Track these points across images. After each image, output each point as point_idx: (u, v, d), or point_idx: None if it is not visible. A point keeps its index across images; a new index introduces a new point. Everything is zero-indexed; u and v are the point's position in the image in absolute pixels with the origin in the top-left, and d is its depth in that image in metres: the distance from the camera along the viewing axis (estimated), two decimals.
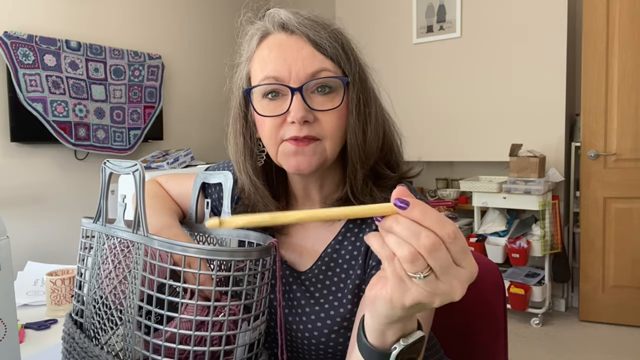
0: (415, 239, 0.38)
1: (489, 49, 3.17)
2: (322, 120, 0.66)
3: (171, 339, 0.56)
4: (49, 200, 2.70)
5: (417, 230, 0.38)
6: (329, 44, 0.66)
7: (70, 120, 2.66)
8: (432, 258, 0.38)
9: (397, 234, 0.39)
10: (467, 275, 0.40)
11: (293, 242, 0.78)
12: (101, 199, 0.66)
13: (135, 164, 0.60)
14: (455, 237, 0.38)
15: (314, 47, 0.65)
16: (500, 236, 2.97)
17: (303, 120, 0.64)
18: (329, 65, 0.66)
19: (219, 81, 3.60)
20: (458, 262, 0.39)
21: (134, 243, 0.60)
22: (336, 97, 0.66)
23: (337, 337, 0.69)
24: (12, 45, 2.43)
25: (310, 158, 0.66)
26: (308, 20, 0.67)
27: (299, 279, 0.75)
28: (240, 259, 0.56)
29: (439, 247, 0.38)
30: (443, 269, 0.39)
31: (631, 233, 2.77)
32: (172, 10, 3.33)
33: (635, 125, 2.74)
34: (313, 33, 0.66)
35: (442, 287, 0.39)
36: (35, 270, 1.37)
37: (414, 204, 0.39)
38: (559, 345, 2.59)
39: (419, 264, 0.38)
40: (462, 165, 3.48)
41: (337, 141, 0.68)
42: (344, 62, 0.67)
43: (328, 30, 0.67)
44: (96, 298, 0.63)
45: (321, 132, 0.66)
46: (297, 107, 0.64)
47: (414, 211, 0.39)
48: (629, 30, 2.71)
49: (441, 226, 0.38)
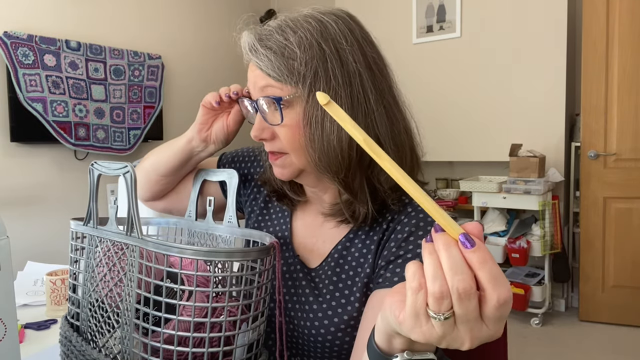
0: (453, 275, 0.36)
1: (489, 49, 3.17)
2: (281, 135, 0.68)
3: (169, 341, 0.55)
4: (49, 200, 2.70)
5: (460, 268, 0.36)
6: (272, 65, 0.64)
7: (70, 120, 2.66)
8: (459, 304, 0.36)
9: (440, 258, 0.37)
10: (486, 335, 0.37)
11: (306, 238, 0.78)
12: (91, 201, 0.65)
13: (126, 165, 0.58)
14: (504, 304, 0.35)
15: (260, 69, 0.66)
16: (500, 236, 2.97)
17: (258, 138, 0.69)
18: (273, 86, 0.65)
19: (219, 81, 3.60)
20: (488, 322, 0.37)
21: (128, 245, 0.59)
22: (290, 113, 0.66)
23: (343, 336, 0.69)
24: (12, 45, 2.43)
25: (282, 170, 0.71)
26: (263, 37, 0.66)
27: (309, 275, 0.75)
28: (238, 259, 0.55)
29: (472, 298, 0.35)
30: (466, 319, 0.36)
31: (631, 233, 2.77)
32: (172, 10, 3.33)
33: (635, 125, 2.74)
34: (261, 55, 0.65)
35: (455, 335, 0.37)
36: (35, 270, 1.37)
37: (480, 248, 0.36)
38: (559, 345, 2.59)
39: (444, 305, 0.36)
40: (462, 165, 3.48)
41: (302, 153, 0.67)
42: (291, 79, 0.64)
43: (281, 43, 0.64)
44: (92, 301, 0.63)
45: (282, 146, 0.68)
46: (254, 125, 0.70)
47: (476, 254, 0.36)
48: (629, 30, 2.71)
49: (495, 285, 0.35)
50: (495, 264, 0.36)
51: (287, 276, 0.77)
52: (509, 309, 0.36)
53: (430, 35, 3.38)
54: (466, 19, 3.25)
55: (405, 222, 0.70)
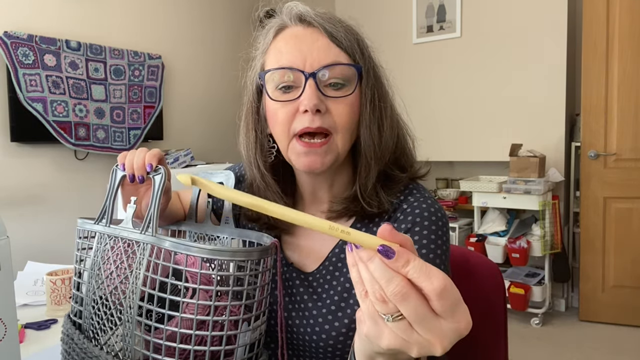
0: (385, 283, 0.36)
1: (489, 49, 3.17)
2: (334, 111, 0.65)
3: (171, 338, 0.56)
4: (49, 200, 2.70)
5: (388, 276, 0.36)
6: (345, 37, 0.66)
7: (70, 120, 2.65)
8: (401, 306, 0.36)
9: (371, 272, 0.37)
10: (450, 331, 0.37)
11: (299, 243, 0.77)
12: (108, 199, 0.65)
13: (160, 167, 0.62)
14: (442, 291, 0.36)
15: (329, 39, 0.66)
16: (500, 236, 2.97)
17: (315, 108, 0.63)
18: (343, 58, 0.66)
19: (219, 81, 3.60)
20: (443, 315, 0.37)
21: (139, 243, 0.59)
22: (349, 90, 0.67)
23: (345, 340, 0.68)
24: (12, 45, 2.43)
25: (322, 158, 0.66)
26: (325, 14, 0.68)
27: (306, 280, 0.74)
28: (242, 259, 0.56)
29: (408, 297, 0.36)
30: (418, 319, 0.36)
31: (631, 233, 2.77)
32: (172, 10, 3.33)
33: (635, 125, 2.74)
34: (329, 25, 0.66)
35: (416, 338, 0.37)
36: (35, 270, 1.37)
37: (400, 255, 0.36)
38: (559, 345, 2.59)
39: (389, 306, 0.37)
40: (462, 165, 3.48)
41: (348, 135, 0.67)
42: (359, 56, 0.67)
43: (344, 24, 0.68)
44: (95, 299, 0.63)
45: (333, 124, 0.65)
46: (309, 94, 0.63)
47: (398, 262, 0.36)
48: (629, 31, 2.71)
49: (426, 278, 0.36)
50: (418, 260, 0.36)
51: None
52: (453, 294, 0.36)
53: (430, 35, 3.38)
54: (466, 19, 3.25)
55: (408, 212, 0.70)
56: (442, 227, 0.69)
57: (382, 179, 0.72)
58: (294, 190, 0.79)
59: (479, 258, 0.98)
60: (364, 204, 0.70)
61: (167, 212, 0.76)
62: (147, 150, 0.66)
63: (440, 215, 0.70)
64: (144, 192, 0.72)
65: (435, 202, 0.72)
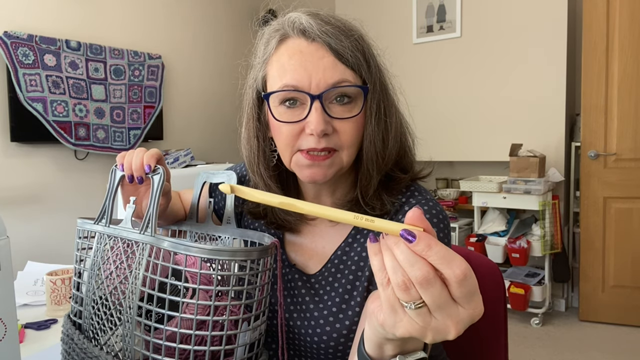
0: (410, 268, 0.37)
1: (489, 49, 3.17)
2: (341, 130, 0.64)
3: (171, 339, 0.56)
4: (49, 200, 2.70)
5: (413, 260, 0.37)
6: (351, 53, 0.64)
7: (70, 120, 2.65)
8: (424, 292, 0.37)
9: (396, 257, 0.38)
10: (466, 317, 0.38)
11: (302, 245, 0.77)
12: (107, 199, 0.65)
13: (158, 168, 0.62)
14: (463, 279, 0.36)
15: (335, 56, 0.63)
16: (500, 236, 2.97)
17: (323, 133, 0.63)
18: (349, 75, 0.64)
19: (219, 81, 3.60)
20: (461, 302, 0.37)
21: (138, 244, 0.59)
22: (355, 107, 0.65)
23: (346, 341, 0.68)
24: (12, 45, 2.43)
25: (326, 170, 0.66)
26: (330, 26, 0.64)
27: (309, 282, 0.74)
28: (242, 258, 0.56)
29: (433, 283, 0.36)
30: (437, 305, 0.37)
31: (631, 233, 2.77)
32: (172, 10, 3.33)
33: (635, 125, 2.74)
34: (335, 42, 0.63)
35: (434, 324, 0.38)
36: (35, 270, 1.37)
37: (421, 238, 0.37)
38: (559, 345, 2.59)
39: (412, 293, 0.37)
40: (462, 165, 3.48)
41: (353, 150, 0.67)
42: (365, 72, 0.66)
43: (350, 38, 0.65)
44: (95, 299, 0.63)
45: (339, 142, 0.65)
46: (317, 119, 0.62)
47: (419, 245, 0.37)
48: (629, 30, 2.71)
49: (447, 264, 0.36)
50: (441, 245, 0.37)
51: (283, 286, 0.76)
52: (472, 282, 0.37)
53: (430, 35, 3.38)
54: (466, 19, 3.25)
55: None
56: (444, 229, 0.70)
57: (384, 180, 0.72)
58: (298, 194, 0.79)
59: (479, 258, 0.98)
60: (366, 208, 0.70)
61: (167, 212, 0.76)
62: (145, 150, 0.66)
63: (442, 217, 0.70)
64: (143, 192, 0.71)
65: (437, 203, 0.73)
